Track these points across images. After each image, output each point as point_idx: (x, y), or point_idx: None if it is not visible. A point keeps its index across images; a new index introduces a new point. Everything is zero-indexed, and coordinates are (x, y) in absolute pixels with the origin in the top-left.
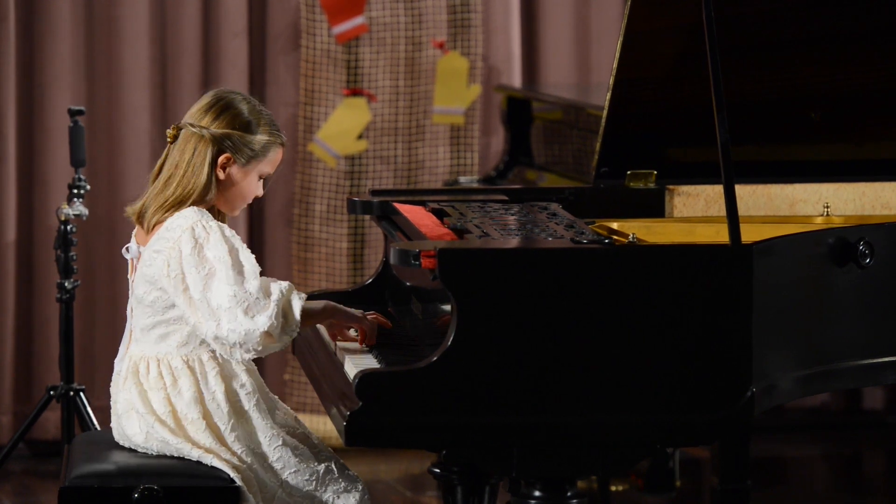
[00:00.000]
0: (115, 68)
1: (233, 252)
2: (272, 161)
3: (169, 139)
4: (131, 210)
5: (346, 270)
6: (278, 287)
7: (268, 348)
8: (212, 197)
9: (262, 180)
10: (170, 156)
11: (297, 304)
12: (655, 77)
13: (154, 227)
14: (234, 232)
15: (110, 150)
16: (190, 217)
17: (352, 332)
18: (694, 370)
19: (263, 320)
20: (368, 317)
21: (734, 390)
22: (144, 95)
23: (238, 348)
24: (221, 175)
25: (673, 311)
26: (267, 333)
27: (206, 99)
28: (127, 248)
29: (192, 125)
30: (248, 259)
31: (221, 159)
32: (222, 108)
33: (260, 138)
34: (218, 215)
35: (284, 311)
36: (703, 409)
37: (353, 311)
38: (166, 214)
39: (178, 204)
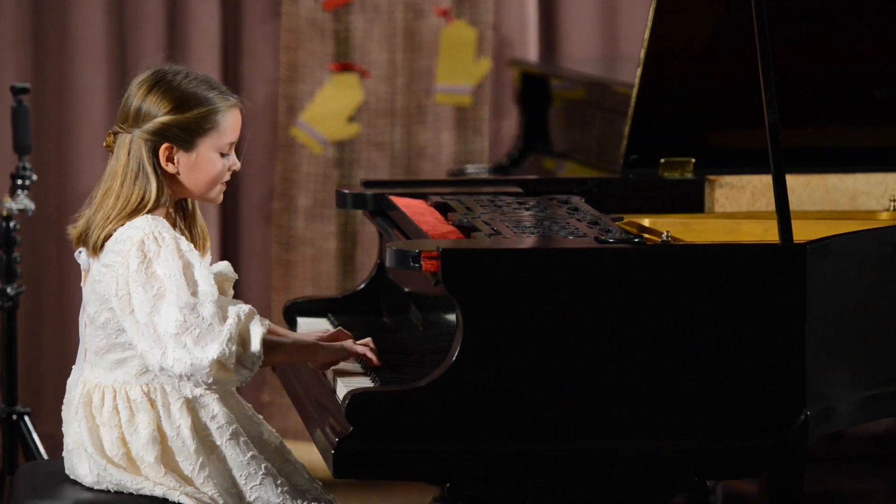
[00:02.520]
0: (65, 39)
1: (187, 269)
2: (227, 128)
3: (108, 148)
4: (73, 232)
5: (335, 274)
6: (235, 311)
7: (222, 381)
8: (166, 200)
9: (227, 154)
10: (108, 166)
11: (258, 330)
12: (694, 49)
13: (102, 244)
14: (191, 247)
15: (60, 134)
16: (141, 227)
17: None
18: (738, 390)
19: (214, 348)
20: (358, 345)
21: (785, 414)
22: (100, 71)
23: (186, 381)
24: (172, 168)
25: (713, 322)
26: (218, 363)
27: (128, 91)
28: (80, 252)
29: (119, 127)
30: (204, 278)
31: (162, 151)
32: (143, 95)
33: (197, 112)
34: (185, 215)
35: (242, 337)
36: (749, 435)
37: (336, 345)
38: (116, 225)
39: (129, 216)
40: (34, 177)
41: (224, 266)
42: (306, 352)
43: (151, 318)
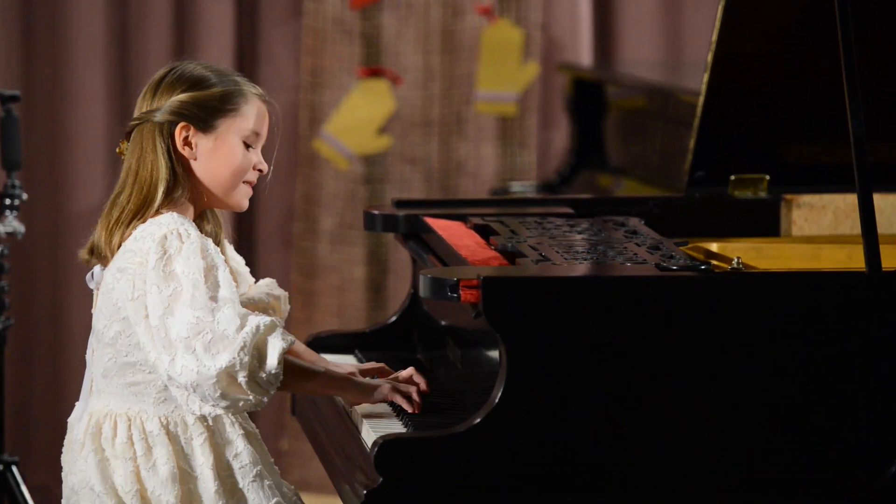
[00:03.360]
0: (60, 41)
1: (210, 271)
2: (252, 116)
3: (121, 155)
4: (84, 251)
5: (363, 304)
6: (256, 321)
7: (232, 398)
8: (181, 194)
9: (252, 148)
10: (123, 168)
11: (277, 345)
12: (768, 53)
13: (119, 246)
14: (219, 250)
15: (54, 147)
16: (165, 224)
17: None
18: (820, 438)
19: (225, 356)
20: (401, 377)
21: (875, 465)
22: (99, 76)
23: (193, 393)
24: (189, 153)
25: (791, 360)
26: (228, 374)
27: (147, 84)
28: (91, 275)
29: (132, 122)
30: (227, 283)
31: (178, 132)
32: (159, 80)
33: (218, 90)
34: (211, 224)
35: (258, 350)
36: (833, 489)
37: (371, 384)
38: (136, 223)
39: (145, 209)
40: (24, 196)
41: (267, 285)
42: (335, 385)
43: (164, 321)
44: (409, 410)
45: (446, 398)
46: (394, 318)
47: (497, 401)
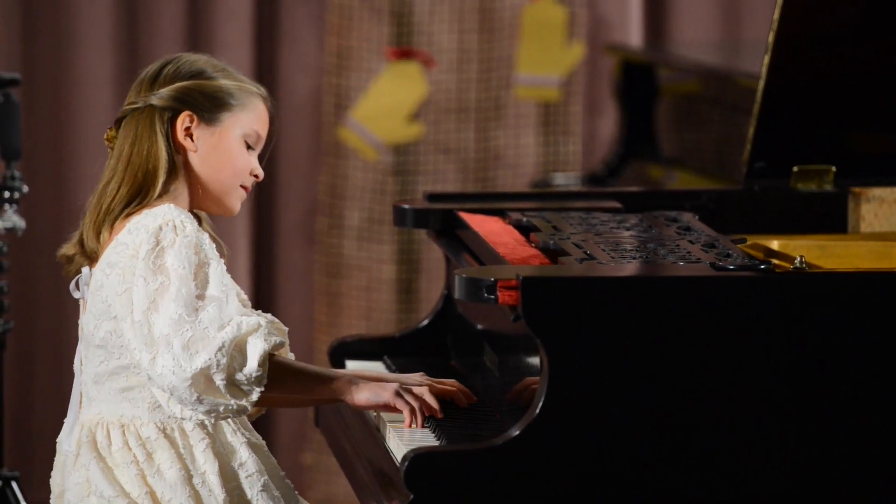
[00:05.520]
0: (64, 21)
1: (201, 268)
2: (254, 115)
3: (108, 143)
4: (65, 250)
5: (392, 307)
6: (239, 320)
7: (210, 402)
8: (177, 187)
9: (252, 149)
10: (111, 157)
11: (259, 345)
12: (835, 31)
13: (110, 242)
14: (214, 247)
15: (57, 136)
16: (161, 215)
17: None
18: (889, 445)
19: (202, 357)
20: (415, 386)
21: None
22: (106, 58)
23: (171, 396)
24: (191, 145)
25: (858, 365)
26: (205, 376)
27: (143, 73)
28: (76, 284)
29: (127, 105)
30: (217, 281)
31: (181, 120)
32: (158, 69)
33: (225, 82)
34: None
35: (239, 350)
36: None
37: (384, 386)
38: (130, 212)
39: (139, 199)
40: (25, 188)
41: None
42: (332, 385)
43: (147, 316)
44: (407, 422)
45: (483, 408)
46: (426, 322)
47: (538, 412)
